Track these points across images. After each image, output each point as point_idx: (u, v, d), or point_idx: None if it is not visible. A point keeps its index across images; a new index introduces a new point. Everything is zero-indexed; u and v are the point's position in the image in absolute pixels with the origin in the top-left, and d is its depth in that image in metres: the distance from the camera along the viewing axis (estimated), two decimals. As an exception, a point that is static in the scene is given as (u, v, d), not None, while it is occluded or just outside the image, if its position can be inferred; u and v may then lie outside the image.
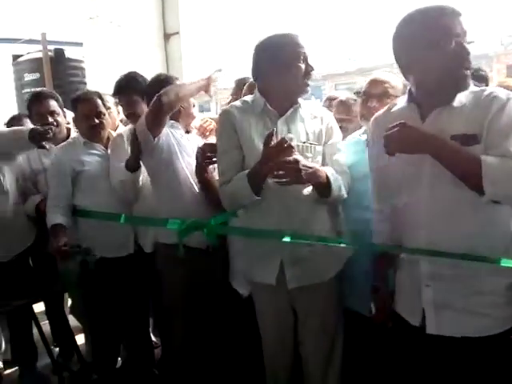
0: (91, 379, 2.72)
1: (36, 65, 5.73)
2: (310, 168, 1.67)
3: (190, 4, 5.54)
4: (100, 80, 5.32)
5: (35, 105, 2.71)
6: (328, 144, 1.88)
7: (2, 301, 2.38)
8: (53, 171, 2.51)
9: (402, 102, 1.56)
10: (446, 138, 1.35)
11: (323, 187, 1.74)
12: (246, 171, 1.76)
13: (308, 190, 1.78)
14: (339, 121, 2.26)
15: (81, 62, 5.93)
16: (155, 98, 2.03)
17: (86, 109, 2.47)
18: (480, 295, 1.42)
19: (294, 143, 1.66)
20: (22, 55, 6.00)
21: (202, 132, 2.45)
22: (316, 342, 1.92)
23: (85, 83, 5.83)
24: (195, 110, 2.39)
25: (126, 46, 5.28)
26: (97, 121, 2.47)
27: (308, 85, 1.80)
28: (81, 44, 6.22)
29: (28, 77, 5.82)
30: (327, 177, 1.74)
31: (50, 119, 2.64)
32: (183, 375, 2.35)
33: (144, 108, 2.44)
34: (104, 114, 2.50)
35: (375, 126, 1.63)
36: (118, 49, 5.44)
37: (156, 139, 2.10)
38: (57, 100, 2.74)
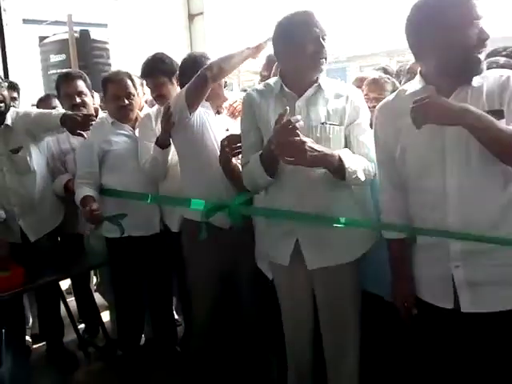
0: (116, 355, 2.79)
1: (62, 46, 5.77)
2: (317, 151, 1.62)
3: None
4: (124, 61, 5.37)
5: (63, 85, 2.75)
6: (353, 124, 1.81)
7: (30, 278, 2.44)
8: (81, 151, 2.55)
9: (413, 86, 1.53)
10: (480, 111, 1.33)
11: (337, 170, 1.70)
12: (260, 152, 1.77)
13: (322, 171, 1.75)
14: (372, 100, 2.22)
15: (105, 43, 5.96)
16: (199, 72, 2.04)
17: (116, 89, 2.49)
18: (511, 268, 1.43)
19: (300, 124, 1.62)
20: (48, 37, 6.05)
21: (232, 112, 2.44)
22: (333, 328, 1.91)
23: (109, 64, 5.88)
24: (226, 92, 2.37)
25: (150, 26, 5.29)
26: (126, 102, 2.49)
27: (321, 64, 1.76)
28: (105, 25, 6.27)
29: (54, 58, 5.87)
30: (341, 159, 1.68)
31: (78, 100, 2.68)
32: (205, 353, 2.39)
33: (171, 89, 2.44)
34: (133, 95, 2.52)
35: (384, 113, 1.61)
36: (142, 30, 5.46)
37: (191, 115, 2.11)
38: (84, 80, 2.77)
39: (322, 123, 1.76)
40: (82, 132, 2.37)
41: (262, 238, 2.04)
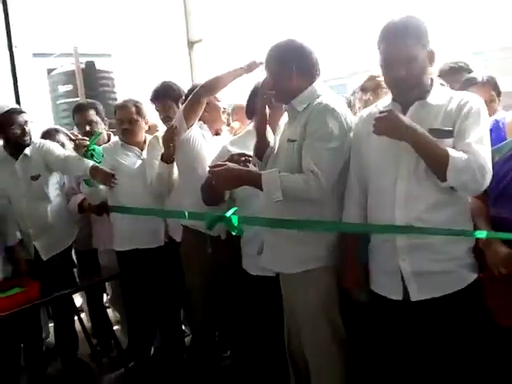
0: (128, 365, 2.94)
1: (69, 77, 6.00)
2: (233, 173, 1.87)
3: (213, 11, 5.76)
4: (129, 88, 5.60)
5: (76, 115, 3.10)
6: (306, 141, 1.85)
7: (45, 292, 2.62)
8: None
9: (385, 101, 1.77)
10: (423, 131, 1.57)
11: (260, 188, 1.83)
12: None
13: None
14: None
15: (110, 72, 6.21)
16: (194, 90, 2.32)
17: (120, 114, 2.77)
18: (447, 261, 1.65)
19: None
20: (55, 68, 6.32)
21: (234, 134, 2.70)
22: (301, 335, 1.99)
23: (115, 92, 6.12)
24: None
25: (152, 54, 5.54)
26: (127, 126, 2.75)
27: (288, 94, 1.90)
28: (110, 55, 6.54)
29: (62, 88, 6.11)
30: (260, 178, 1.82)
31: (88, 128, 2.98)
32: (206, 354, 2.55)
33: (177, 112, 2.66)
34: (136, 120, 2.76)
35: (359, 124, 1.83)
36: (144, 58, 5.71)
37: (189, 130, 2.35)
38: (96, 110, 3.06)
39: (288, 140, 1.92)
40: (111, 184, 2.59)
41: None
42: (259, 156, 2.04)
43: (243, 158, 2.07)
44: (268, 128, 2.08)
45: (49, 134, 3.44)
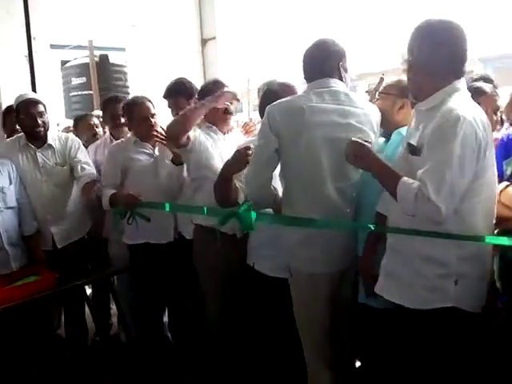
0: (137, 354, 3.00)
1: (82, 69, 6.10)
2: None
3: (226, 10, 5.81)
4: (141, 83, 5.66)
5: (110, 106, 3.18)
6: None
7: (60, 283, 2.68)
8: (106, 165, 2.85)
9: None
10: (377, 158, 1.65)
11: None
12: None
13: None
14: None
15: (124, 66, 6.28)
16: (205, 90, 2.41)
17: (144, 111, 2.76)
18: (417, 277, 1.64)
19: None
20: (69, 61, 6.40)
21: (246, 131, 2.72)
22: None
23: (127, 86, 6.19)
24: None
25: (165, 50, 5.59)
26: (153, 121, 2.77)
27: None
28: (123, 49, 6.60)
29: (75, 81, 6.21)
30: None
31: (123, 120, 3.01)
32: (218, 354, 2.60)
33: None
34: (155, 116, 2.80)
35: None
36: (157, 53, 5.76)
37: (187, 140, 2.32)
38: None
39: None
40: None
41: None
42: None
43: (250, 151, 2.12)
44: None
45: (82, 119, 3.57)
